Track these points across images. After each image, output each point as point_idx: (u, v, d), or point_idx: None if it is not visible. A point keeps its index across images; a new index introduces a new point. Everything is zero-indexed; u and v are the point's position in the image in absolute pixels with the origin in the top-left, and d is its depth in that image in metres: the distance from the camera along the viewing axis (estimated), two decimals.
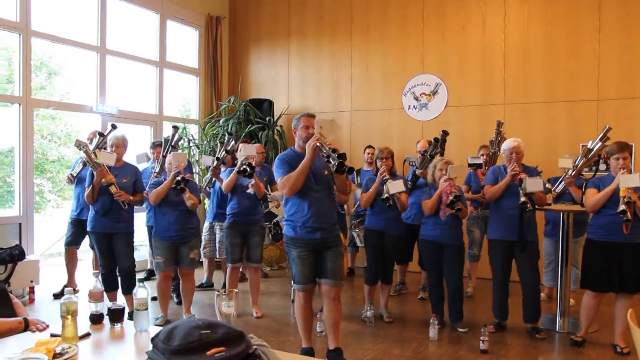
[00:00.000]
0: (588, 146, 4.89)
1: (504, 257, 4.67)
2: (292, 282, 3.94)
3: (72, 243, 5.91)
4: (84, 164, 5.48)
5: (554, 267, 5.30)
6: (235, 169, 5.02)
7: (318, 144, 3.57)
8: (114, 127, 5.23)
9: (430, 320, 4.62)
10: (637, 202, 4.03)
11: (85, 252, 6.09)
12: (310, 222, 3.69)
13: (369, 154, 6.65)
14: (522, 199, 4.43)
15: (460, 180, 5.78)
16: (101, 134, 5.18)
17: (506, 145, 4.67)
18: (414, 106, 7.49)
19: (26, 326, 2.39)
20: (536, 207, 4.63)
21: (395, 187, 4.71)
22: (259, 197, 5.14)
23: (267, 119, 7.86)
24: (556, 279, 5.03)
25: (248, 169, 4.91)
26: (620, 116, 6.34)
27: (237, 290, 2.40)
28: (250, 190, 5.06)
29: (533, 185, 4.41)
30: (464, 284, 5.04)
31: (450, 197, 4.51)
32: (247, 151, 5.02)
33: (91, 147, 5.05)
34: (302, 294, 3.81)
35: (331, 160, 3.49)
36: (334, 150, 3.49)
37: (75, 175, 5.70)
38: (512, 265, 4.72)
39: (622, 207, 3.97)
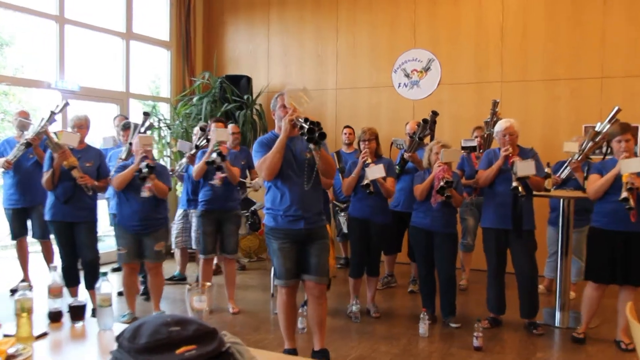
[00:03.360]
0: (596, 129, 4.93)
1: (498, 247, 4.73)
2: (274, 276, 3.92)
3: (19, 234, 5.78)
4: (27, 145, 5.26)
5: (557, 257, 5.37)
6: (205, 156, 4.93)
7: (294, 119, 3.50)
8: (66, 104, 5.12)
9: (420, 315, 4.67)
10: None
11: (33, 243, 5.99)
12: (292, 210, 3.66)
13: (346, 134, 6.65)
14: (514, 183, 4.47)
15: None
16: (52, 112, 5.02)
17: (498, 126, 4.73)
18: (404, 84, 7.49)
19: None
20: (533, 193, 4.68)
21: (374, 172, 4.70)
22: (233, 183, 5.10)
23: (245, 97, 7.81)
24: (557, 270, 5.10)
25: (217, 161, 4.81)
26: (626, 95, 6.39)
27: (210, 283, 2.39)
28: (215, 182, 4.96)
29: (525, 168, 4.44)
30: (457, 276, 5.09)
31: (441, 183, 4.54)
32: (219, 136, 4.87)
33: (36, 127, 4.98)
34: (284, 290, 3.78)
35: (304, 131, 3.42)
36: (306, 120, 3.43)
37: (11, 160, 5.38)
38: (508, 255, 4.79)
39: (624, 194, 4.01)
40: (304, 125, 3.43)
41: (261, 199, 6.87)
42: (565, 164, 5.22)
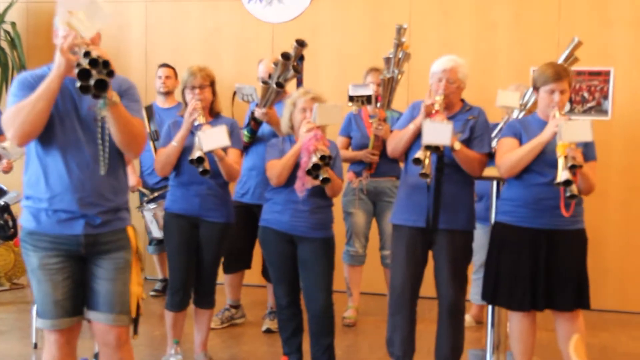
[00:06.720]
0: None
1: (411, 256, 4.80)
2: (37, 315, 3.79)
3: None
4: None
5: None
6: None
7: (74, 48, 3.37)
8: None
9: None
10: (583, 167, 4.21)
11: None
12: (65, 201, 3.53)
13: (161, 77, 6.57)
14: (418, 153, 4.45)
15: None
16: None
17: (436, 65, 4.77)
18: None
19: None
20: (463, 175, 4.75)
21: (211, 138, 4.66)
22: None
23: None
24: None
25: None
26: (595, 23, 6.75)
27: None
28: None
29: (435, 131, 4.41)
30: (339, 303, 5.17)
31: (313, 159, 4.55)
32: None
33: None
34: (53, 337, 3.67)
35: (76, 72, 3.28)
36: (86, 54, 3.28)
37: None
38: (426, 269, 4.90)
39: (564, 174, 4.14)
40: (81, 62, 3.28)
41: (17, 187, 6.63)
42: (499, 126, 5.40)
